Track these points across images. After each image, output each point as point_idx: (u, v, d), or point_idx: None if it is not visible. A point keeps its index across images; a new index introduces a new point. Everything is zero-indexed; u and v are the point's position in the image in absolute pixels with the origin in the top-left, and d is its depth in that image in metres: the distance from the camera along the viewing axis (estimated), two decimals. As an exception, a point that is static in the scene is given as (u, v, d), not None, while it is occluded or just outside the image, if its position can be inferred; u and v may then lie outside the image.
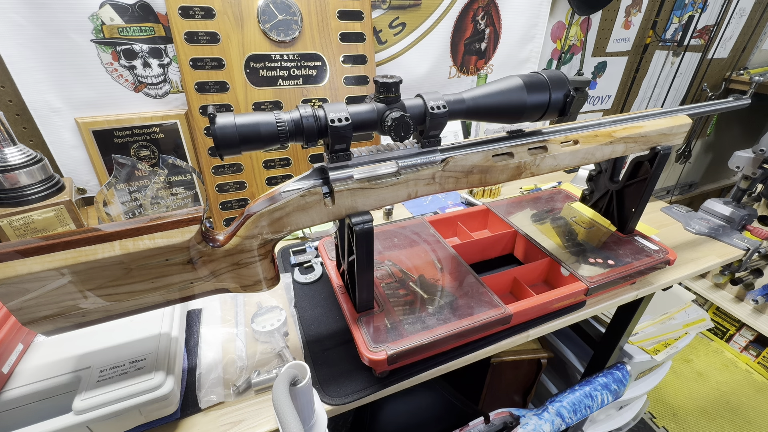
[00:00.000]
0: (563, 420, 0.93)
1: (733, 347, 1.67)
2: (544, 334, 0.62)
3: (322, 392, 0.49)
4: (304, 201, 0.41)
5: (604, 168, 0.70)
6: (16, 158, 0.62)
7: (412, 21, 0.99)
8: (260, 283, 0.44)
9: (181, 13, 0.75)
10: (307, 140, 0.39)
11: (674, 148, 0.62)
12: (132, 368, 0.44)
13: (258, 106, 0.86)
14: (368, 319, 0.51)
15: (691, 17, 1.47)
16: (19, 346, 0.46)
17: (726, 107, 0.64)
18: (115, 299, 0.38)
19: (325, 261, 0.63)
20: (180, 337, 0.53)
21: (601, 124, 0.56)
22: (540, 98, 0.45)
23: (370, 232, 0.44)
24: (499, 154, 0.49)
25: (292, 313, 0.61)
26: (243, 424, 0.46)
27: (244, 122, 0.36)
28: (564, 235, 0.71)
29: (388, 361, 0.46)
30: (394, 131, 0.40)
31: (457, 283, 0.58)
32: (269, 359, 0.53)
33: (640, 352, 1.06)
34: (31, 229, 0.64)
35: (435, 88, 1.10)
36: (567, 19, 1.21)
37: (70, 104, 0.76)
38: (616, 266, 0.62)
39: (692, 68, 1.66)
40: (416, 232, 0.70)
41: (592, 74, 1.41)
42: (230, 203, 0.91)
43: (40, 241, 0.34)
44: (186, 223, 0.38)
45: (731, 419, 1.41)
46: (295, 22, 0.83)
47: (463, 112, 0.45)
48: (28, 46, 0.69)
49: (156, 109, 0.83)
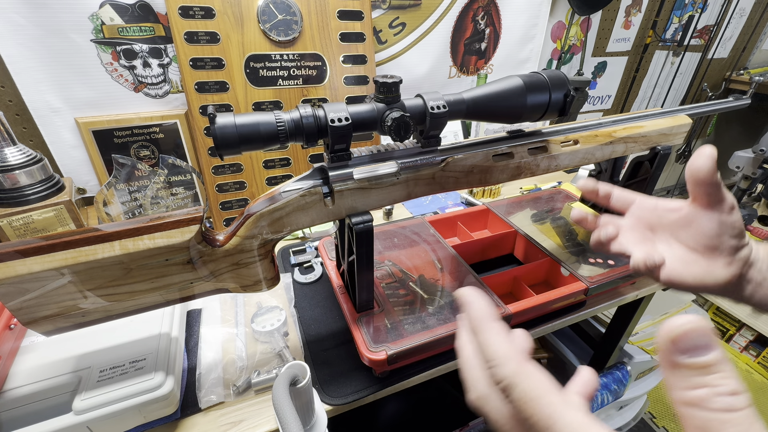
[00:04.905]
0: (563, 420, 0.93)
1: (733, 347, 1.67)
2: (544, 334, 0.62)
3: (322, 392, 0.49)
4: (304, 201, 0.41)
5: (604, 168, 0.70)
6: (16, 158, 0.62)
7: (412, 21, 0.99)
8: (260, 283, 0.44)
9: (181, 13, 0.75)
10: (307, 140, 0.39)
11: (674, 148, 0.62)
12: (132, 368, 0.44)
13: (258, 106, 0.86)
14: (368, 319, 0.51)
15: (691, 17, 1.47)
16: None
17: (726, 107, 0.64)
18: (115, 299, 0.38)
19: (325, 261, 0.63)
20: (180, 337, 0.53)
21: (601, 124, 0.56)
22: (540, 98, 0.45)
23: (370, 232, 0.44)
24: (499, 154, 0.49)
25: (292, 313, 0.61)
26: (243, 424, 0.46)
27: (244, 122, 0.36)
28: (564, 235, 0.71)
29: (388, 361, 0.46)
30: (394, 131, 0.40)
31: (457, 283, 0.58)
32: (269, 359, 0.53)
33: (640, 352, 1.06)
34: (31, 229, 0.64)
35: (435, 88, 1.10)
36: (567, 19, 1.21)
37: (70, 104, 0.76)
38: (616, 266, 0.62)
39: (692, 68, 1.66)
40: (416, 232, 0.70)
41: (592, 74, 1.41)
42: (230, 203, 0.91)
43: (40, 241, 0.34)
44: (186, 223, 0.38)
45: (731, 419, 1.41)
46: (295, 22, 0.83)
47: (463, 112, 0.45)
48: (28, 46, 0.69)
49: (156, 109, 0.83)
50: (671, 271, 0.35)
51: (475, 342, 0.25)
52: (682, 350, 0.17)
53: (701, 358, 0.17)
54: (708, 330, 0.17)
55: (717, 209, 0.33)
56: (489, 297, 0.55)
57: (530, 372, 0.22)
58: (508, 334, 0.24)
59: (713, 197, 0.33)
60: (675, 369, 0.18)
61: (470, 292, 0.26)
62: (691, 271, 0.35)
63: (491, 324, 0.24)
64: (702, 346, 0.17)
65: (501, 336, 0.24)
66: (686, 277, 0.35)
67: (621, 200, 0.41)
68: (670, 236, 0.37)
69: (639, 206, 0.40)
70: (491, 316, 0.25)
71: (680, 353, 0.17)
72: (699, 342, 0.17)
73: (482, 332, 0.24)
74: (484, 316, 0.25)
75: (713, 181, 0.32)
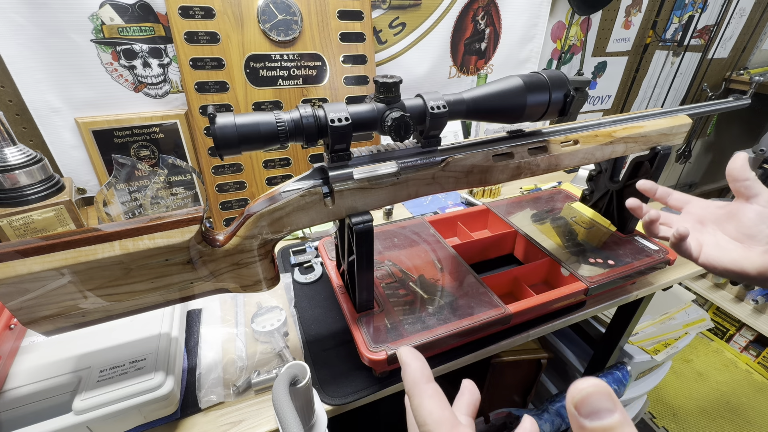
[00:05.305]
0: (563, 420, 0.93)
1: (733, 347, 1.67)
2: (544, 334, 0.62)
3: (322, 392, 0.49)
4: (304, 201, 0.41)
5: (604, 168, 0.70)
6: (16, 158, 0.62)
7: (412, 21, 0.99)
8: (260, 283, 0.44)
9: (181, 13, 0.75)
10: (307, 140, 0.39)
11: (674, 148, 0.62)
12: (132, 368, 0.44)
13: (258, 106, 0.86)
14: (368, 319, 0.51)
15: (691, 17, 1.47)
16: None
17: (726, 107, 0.64)
18: (115, 299, 0.38)
19: (325, 261, 0.63)
20: (180, 337, 0.53)
21: (601, 124, 0.56)
22: (540, 98, 0.45)
23: (370, 232, 0.44)
24: (499, 154, 0.49)
25: (292, 313, 0.61)
26: (243, 424, 0.46)
27: (244, 122, 0.36)
28: (564, 235, 0.71)
29: (388, 361, 0.46)
30: (394, 131, 0.40)
31: (457, 283, 0.58)
32: (269, 359, 0.53)
33: (640, 352, 1.06)
34: (31, 229, 0.64)
35: (435, 88, 1.10)
36: (567, 19, 1.21)
37: (70, 104, 0.76)
38: (616, 266, 0.62)
39: (692, 68, 1.66)
40: (416, 232, 0.70)
41: (592, 74, 1.41)
42: (230, 203, 0.91)
43: (40, 241, 0.34)
44: (186, 223, 0.38)
45: (731, 419, 1.42)
46: (295, 22, 0.83)
47: (463, 112, 0.45)
48: (28, 46, 0.69)
49: (156, 109, 0.83)
50: (709, 254, 0.40)
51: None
52: (585, 414, 0.18)
53: (603, 422, 0.18)
54: (608, 393, 0.18)
55: (756, 202, 0.40)
56: (489, 297, 0.55)
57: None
58: (441, 397, 0.24)
59: (751, 190, 0.40)
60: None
61: (406, 353, 0.26)
62: (730, 256, 0.39)
63: (423, 387, 0.24)
64: (604, 409, 0.18)
65: (433, 400, 0.24)
66: (724, 261, 0.39)
67: (678, 200, 0.47)
68: (716, 228, 0.43)
69: (693, 204, 0.46)
70: (425, 378, 0.25)
71: (584, 417, 0.18)
72: (600, 405, 0.18)
73: (415, 396, 0.24)
74: (416, 379, 0.25)
75: (746, 176, 0.40)
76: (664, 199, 0.47)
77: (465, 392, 0.28)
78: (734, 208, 0.41)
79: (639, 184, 0.47)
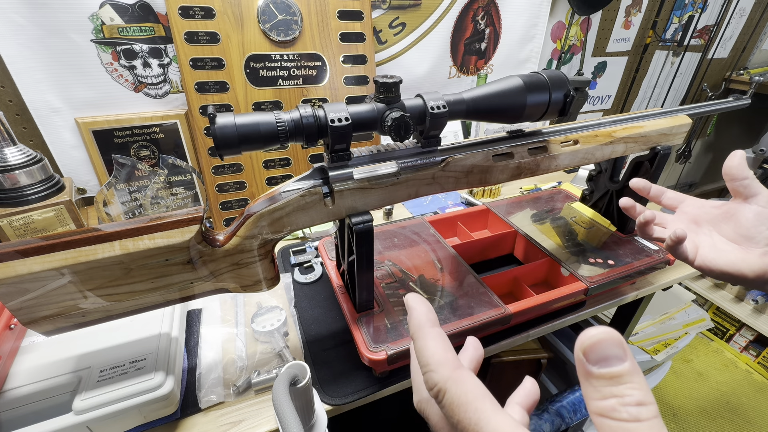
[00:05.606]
0: (563, 420, 0.93)
1: (733, 347, 1.67)
2: (544, 334, 0.62)
3: (322, 392, 0.49)
4: (304, 201, 0.41)
5: (604, 168, 0.70)
6: (16, 158, 0.62)
7: (412, 21, 0.99)
8: (260, 283, 0.44)
9: (181, 13, 0.75)
10: (307, 140, 0.39)
11: (674, 148, 0.62)
12: (132, 368, 0.44)
13: (258, 106, 0.86)
14: (368, 319, 0.51)
15: (691, 17, 1.47)
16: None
17: (726, 107, 0.64)
18: (115, 299, 0.38)
19: (325, 261, 0.63)
20: (180, 337, 0.53)
21: (601, 124, 0.56)
22: (540, 98, 0.45)
23: (370, 232, 0.44)
24: (499, 154, 0.49)
25: (292, 313, 0.61)
26: (243, 424, 0.46)
27: (244, 122, 0.36)
28: (564, 235, 0.71)
29: (388, 361, 0.46)
30: (394, 131, 0.40)
31: (457, 283, 0.58)
32: (269, 359, 0.53)
33: (640, 352, 1.06)
34: (31, 229, 0.64)
35: (435, 88, 1.10)
36: (567, 19, 1.21)
37: (70, 104, 0.76)
38: (616, 266, 0.62)
39: (692, 68, 1.66)
40: (416, 232, 0.70)
41: (592, 74, 1.41)
42: (230, 203, 0.91)
43: (40, 241, 0.34)
44: (186, 223, 0.38)
45: (731, 419, 1.41)
46: (295, 22, 0.83)
47: (463, 112, 0.45)
48: (28, 46, 0.69)
49: (156, 109, 0.83)
50: (705, 257, 0.38)
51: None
52: (594, 361, 0.18)
53: (611, 369, 0.17)
54: (619, 341, 0.18)
55: (754, 202, 0.38)
56: (489, 297, 0.55)
57: (462, 378, 0.22)
58: (444, 340, 0.24)
59: (749, 189, 0.38)
60: (588, 379, 0.18)
61: (413, 298, 0.27)
62: (728, 258, 0.37)
63: (428, 330, 0.25)
64: (613, 356, 0.17)
65: (436, 342, 0.24)
66: (721, 264, 0.37)
67: (672, 199, 0.46)
68: (712, 229, 0.41)
69: (687, 204, 0.45)
70: (430, 322, 0.25)
71: (592, 363, 0.18)
72: (610, 353, 0.17)
73: (419, 338, 0.25)
74: (422, 323, 0.25)
75: (744, 175, 0.38)
76: (657, 197, 0.45)
77: (469, 348, 0.28)
78: (731, 208, 0.40)
79: (632, 183, 0.45)
